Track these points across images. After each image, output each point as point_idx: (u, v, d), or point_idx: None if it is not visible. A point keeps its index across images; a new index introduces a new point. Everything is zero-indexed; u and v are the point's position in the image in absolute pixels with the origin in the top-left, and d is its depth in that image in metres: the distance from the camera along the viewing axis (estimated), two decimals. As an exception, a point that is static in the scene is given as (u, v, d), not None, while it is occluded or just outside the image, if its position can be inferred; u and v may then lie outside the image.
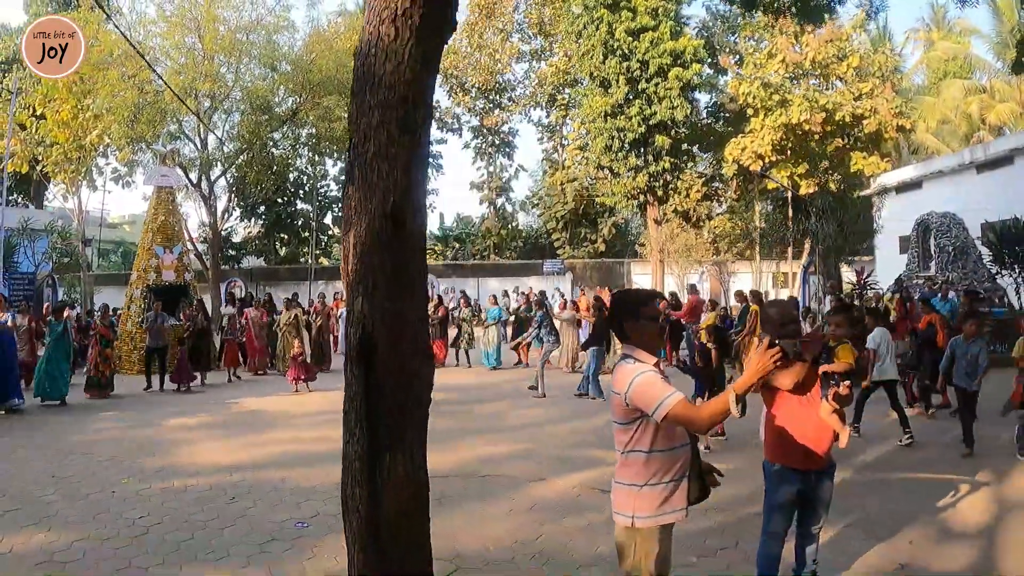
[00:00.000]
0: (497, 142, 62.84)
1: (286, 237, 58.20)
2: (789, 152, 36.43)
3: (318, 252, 56.63)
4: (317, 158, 52.03)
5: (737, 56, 44.01)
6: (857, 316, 6.06)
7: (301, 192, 55.99)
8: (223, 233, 45.28)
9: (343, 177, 27.22)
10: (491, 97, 60.21)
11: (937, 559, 6.73)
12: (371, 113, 4.13)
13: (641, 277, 45.17)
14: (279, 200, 54.24)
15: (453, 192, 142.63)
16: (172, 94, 31.33)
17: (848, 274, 30.45)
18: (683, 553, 6.80)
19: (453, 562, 6.78)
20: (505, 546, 7.20)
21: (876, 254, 38.84)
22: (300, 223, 56.81)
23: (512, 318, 26.85)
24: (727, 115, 45.07)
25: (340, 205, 57.69)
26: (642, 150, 41.30)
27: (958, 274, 24.84)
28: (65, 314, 17.91)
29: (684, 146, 42.86)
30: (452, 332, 24.36)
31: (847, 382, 5.38)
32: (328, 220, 59.27)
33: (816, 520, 5.75)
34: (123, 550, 7.16)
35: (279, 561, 6.81)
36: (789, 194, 38.43)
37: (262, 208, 53.48)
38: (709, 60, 45.52)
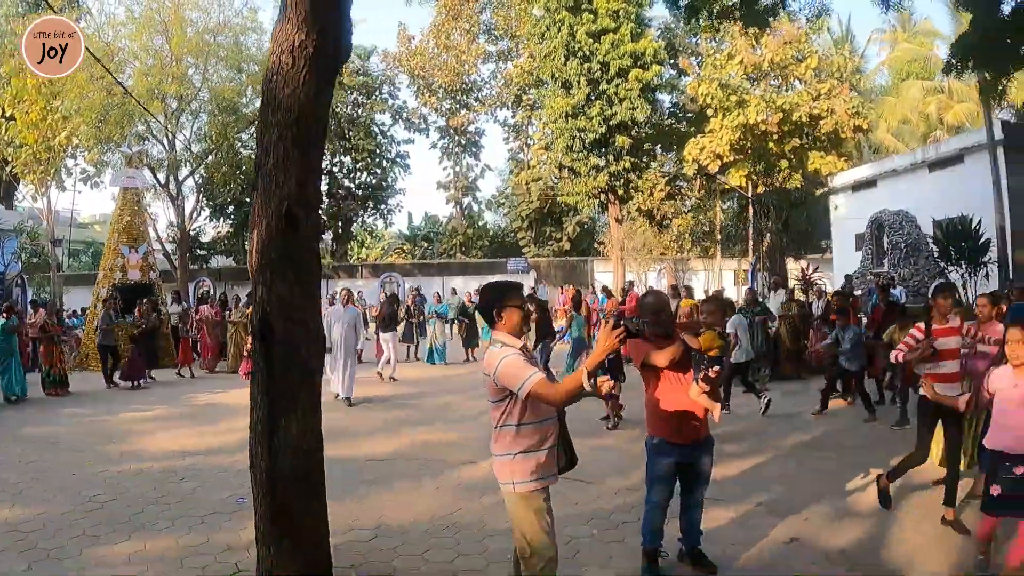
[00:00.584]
0: (464, 142, 63.16)
1: (254, 236, 57.55)
2: (748, 152, 37.08)
3: (285, 251, 56.32)
4: (284, 158, 52.52)
5: (698, 57, 44.66)
6: (728, 303, 6.64)
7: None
8: (192, 233, 45.47)
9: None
10: (458, 97, 60.57)
11: (829, 535, 7.22)
12: (272, 130, 4.90)
13: (603, 275, 45.67)
14: (248, 200, 53.37)
15: (421, 192, 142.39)
16: (139, 94, 31.67)
17: (795, 270, 31.12)
18: (587, 527, 7.52)
19: (375, 532, 7.48)
20: (424, 519, 7.83)
21: (833, 251, 39.49)
22: None
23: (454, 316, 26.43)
24: (688, 115, 45.77)
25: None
26: (603, 150, 42.09)
27: (910, 270, 25.59)
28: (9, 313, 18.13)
29: (646, 146, 43.67)
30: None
31: (716, 367, 6.09)
32: (296, 219, 58.83)
33: (697, 491, 6.40)
34: (80, 522, 7.90)
35: (217, 531, 7.47)
36: (749, 193, 39.11)
37: (231, 208, 53.32)
38: (671, 61, 46.29)
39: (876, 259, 28.22)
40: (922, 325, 7.98)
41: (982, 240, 24.41)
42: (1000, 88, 18.19)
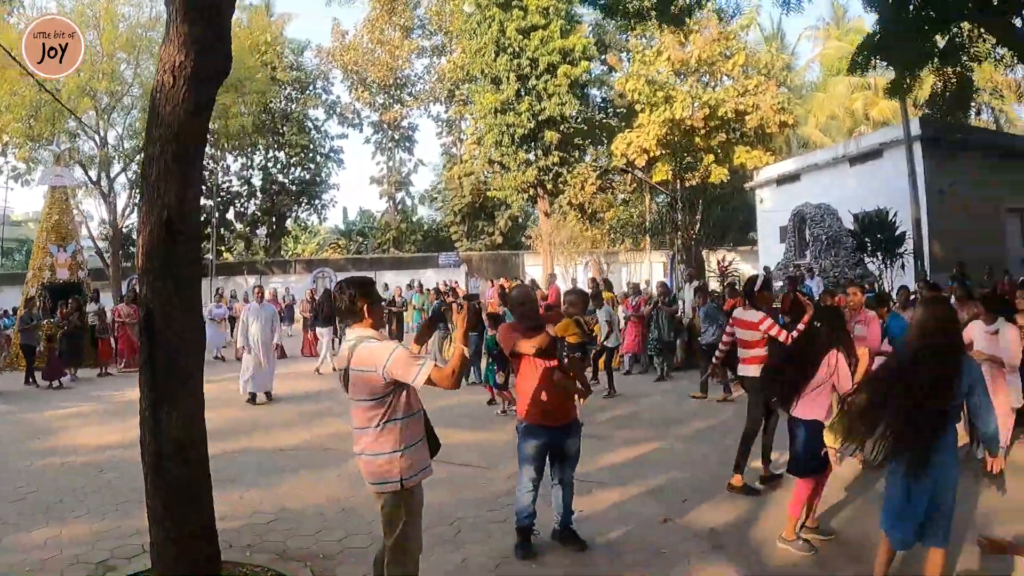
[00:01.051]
0: (397, 137, 63.25)
1: (188, 234, 56.68)
2: (675, 146, 37.67)
3: (221, 248, 56.11)
4: (219, 154, 52.20)
5: (628, 54, 45.16)
6: (594, 293, 7.19)
7: (203, 188, 55.12)
8: (124, 230, 45.20)
9: (244, 172, 27.81)
10: (391, 92, 60.66)
11: (703, 516, 7.63)
12: (155, 144, 5.35)
13: (533, 268, 45.99)
14: (185, 196, 53.23)
15: (357, 187, 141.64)
16: (70, 91, 31.61)
17: (713, 262, 31.78)
18: (475, 510, 7.98)
19: (276, 516, 7.89)
20: (322, 505, 8.23)
21: (758, 243, 40.15)
22: (202, 219, 55.51)
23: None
24: (618, 111, 46.37)
25: (243, 201, 57.99)
26: (532, 145, 42.64)
27: (830, 261, 26.27)
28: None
29: (576, 141, 44.24)
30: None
31: (578, 353, 6.58)
32: (231, 216, 58.88)
33: (565, 473, 6.81)
34: (1, 513, 8.26)
35: (130, 517, 7.76)
36: (678, 187, 39.72)
37: (164, 205, 52.77)
38: (601, 58, 46.84)
39: (798, 251, 28.84)
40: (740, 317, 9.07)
41: (898, 232, 25.09)
42: (905, 86, 18.92)
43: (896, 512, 5.32)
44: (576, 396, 6.76)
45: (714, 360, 10.25)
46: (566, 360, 6.53)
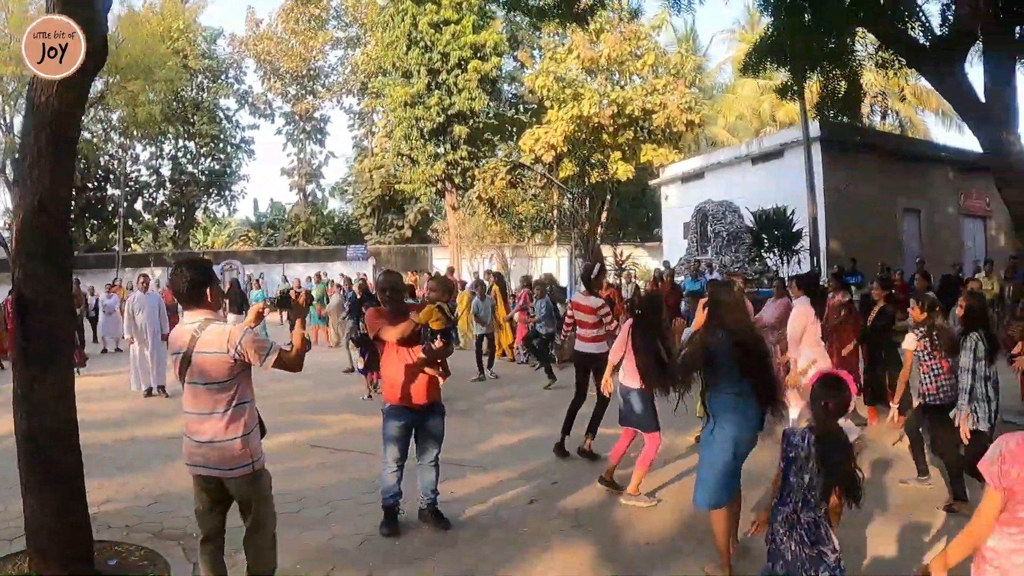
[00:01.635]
0: (309, 129, 63.16)
1: (96, 223, 56.30)
2: (584, 143, 38.21)
3: (129, 239, 55.48)
4: (128, 142, 51.49)
5: (540, 51, 45.58)
6: (451, 285, 7.66)
7: (111, 177, 54.83)
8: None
9: (153, 161, 27.62)
10: (304, 83, 60.58)
11: (568, 497, 7.96)
12: (31, 132, 5.52)
13: (440, 261, 45.96)
14: (88, 185, 52.87)
15: (269, 178, 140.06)
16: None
17: (610, 257, 32.17)
18: (351, 493, 8.27)
19: (157, 499, 8.03)
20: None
21: (663, 239, 40.71)
22: (111, 209, 55.01)
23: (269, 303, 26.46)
24: (530, 107, 46.74)
25: (151, 191, 57.15)
26: (441, 139, 42.83)
27: (731, 257, 26.83)
28: None
29: (486, 135, 44.47)
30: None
31: (441, 340, 6.86)
32: (139, 206, 58.24)
33: (428, 453, 7.04)
34: None
35: (16, 500, 7.83)
36: (581, 182, 40.26)
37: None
38: (512, 54, 47.19)
39: (700, 247, 29.37)
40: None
41: (795, 229, 25.74)
42: (795, 88, 19.47)
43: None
44: (439, 378, 7.03)
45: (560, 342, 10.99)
46: (428, 345, 6.76)
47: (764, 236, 25.89)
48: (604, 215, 42.03)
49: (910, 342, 7.89)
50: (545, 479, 8.62)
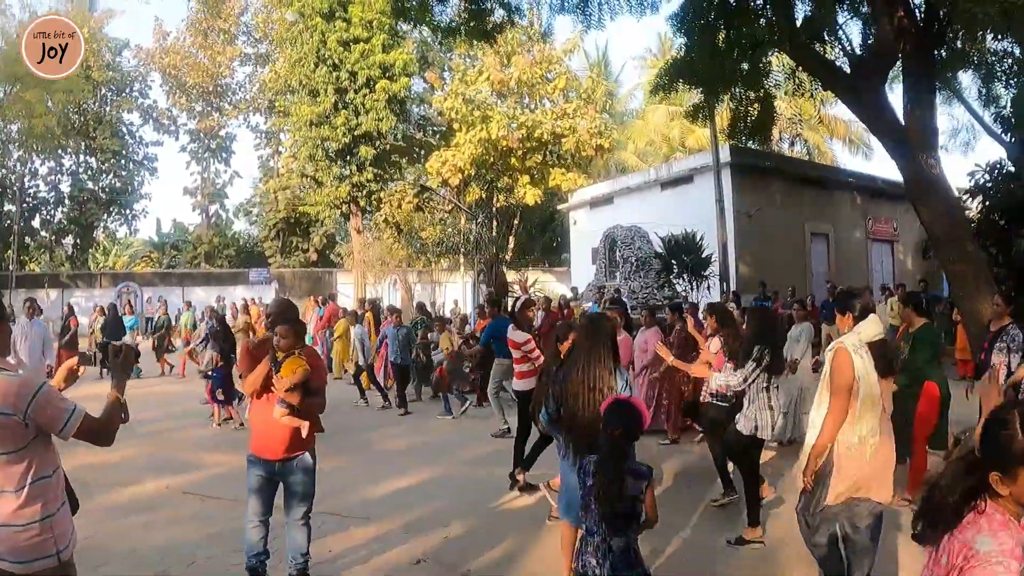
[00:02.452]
0: (214, 146, 61.88)
1: (-11, 241, 53.36)
2: (491, 166, 37.63)
3: (24, 258, 52.98)
4: (26, 156, 49.65)
5: (451, 72, 45.10)
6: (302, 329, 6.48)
7: (8, 192, 52.16)
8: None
9: (51, 176, 26.53)
10: (210, 100, 59.25)
11: (461, 553, 7.17)
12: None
13: (345, 286, 45.14)
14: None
15: (172, 198, 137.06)
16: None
17: (516, 283, 31.61)
18: (218, 547, 7.46)
19: None
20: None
21: (571, 264, 40.40)
22: (5, 226, 51.55)
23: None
24: (438, 129, 46.11)
25: (49, 208, 55.11)
26: (346, 160, 41.84)
27: (640, 283, 26.41)
28: None
29: (393, 158, 43.61)
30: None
31: (294, 392, 5.92)
32: (36, 223, 55.64)
33: (293, 511, 6.15)
34: None
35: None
36: (487, 207, 39.81)
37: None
38: (421, 75, 46.58)
39: (607, 272, 29.01)
40: None
41: (704, 255, 25.47)
42: (706, 112, 19.20)
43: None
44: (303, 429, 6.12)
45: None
46: (285, 400, 5.91)
47: (673, 262, 25.57)
48: (511, 240, 41.50)
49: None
50: (436, 533, 7.79)
